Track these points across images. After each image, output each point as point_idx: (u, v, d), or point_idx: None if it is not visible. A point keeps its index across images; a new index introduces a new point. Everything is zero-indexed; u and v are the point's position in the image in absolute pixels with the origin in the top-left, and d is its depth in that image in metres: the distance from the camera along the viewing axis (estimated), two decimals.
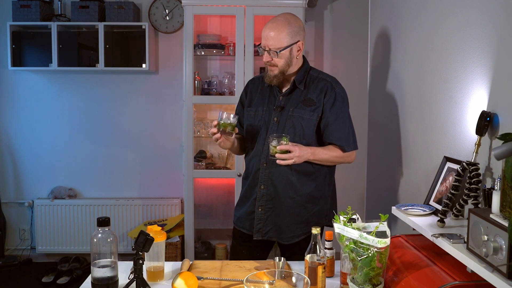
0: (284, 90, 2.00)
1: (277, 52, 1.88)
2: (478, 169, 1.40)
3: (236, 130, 1.93)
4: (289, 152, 1.80)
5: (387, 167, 2.65)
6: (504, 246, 1.02)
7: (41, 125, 3.70)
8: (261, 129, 2.00)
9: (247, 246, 2.07)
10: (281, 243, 2.02)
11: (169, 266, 1.69)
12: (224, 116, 1.87)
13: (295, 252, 1.96)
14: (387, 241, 1.28)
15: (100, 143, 3.73)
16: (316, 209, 1.99)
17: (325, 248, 1.55)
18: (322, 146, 1.97)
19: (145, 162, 3.76)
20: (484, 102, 1.48)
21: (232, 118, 1.88)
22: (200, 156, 3.44)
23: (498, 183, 1.13)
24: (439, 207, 1.54)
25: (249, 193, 2.04)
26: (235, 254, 2.10)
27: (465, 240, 1.22)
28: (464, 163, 1.44)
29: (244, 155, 2.15)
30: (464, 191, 1.41)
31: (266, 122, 1.99)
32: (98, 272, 1.45)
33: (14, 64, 3.44)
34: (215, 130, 1.87)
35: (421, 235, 1.46)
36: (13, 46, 3.41)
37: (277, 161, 1.81)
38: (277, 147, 1.80)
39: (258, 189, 1.98)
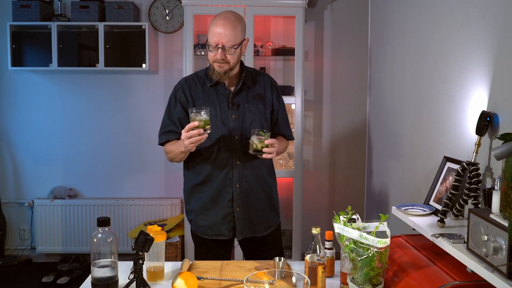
0: (232, 88, 1.97)
1: (234, 49, 1.85)
2: (478, 169, 1.40)
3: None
4: (270, 146, 1.79)
5: (387, 167, 2.64)
6: (504, 246, 1.02)
7: (41, 125, 3.70)
8: (221, 128, 1.91)
9: (222, 253, 2.02)
10: (246, 238, 2.02)
11: (169, 266, 1.69)
12: (202, 114, 1.75)
13: (261, 245, 2.02)
14: (387, 241, 1.28)
15: (100, 143, 3.73)
16: (277, 199, 2.11)
17: (325, 248, 1.55)
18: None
19: (145, 162, 3.75)
20: (484, 102, 1.48)
21: (207, 114, 1.77)
22: None
23: (498, 183, 1.13)
24: (439, 207, 1.54)
25: (218, 196, 1.95)
26: None
27: (465, 240, 1.22)
28: (464, 163, 1.44)
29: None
30: (464, 191, 1.41)
31: (224, 120, 1.92)
32: (98, 272, 1.45)
33: (14, 64, 3.43)
34: (201, 130, 1.73)
35: (421, 235, 1.46)
36: (13, 46, 3.41)
37: (264, 156, 1.79)
38: (265, 142, 1.78)
39: (234, 188, 1.94)
